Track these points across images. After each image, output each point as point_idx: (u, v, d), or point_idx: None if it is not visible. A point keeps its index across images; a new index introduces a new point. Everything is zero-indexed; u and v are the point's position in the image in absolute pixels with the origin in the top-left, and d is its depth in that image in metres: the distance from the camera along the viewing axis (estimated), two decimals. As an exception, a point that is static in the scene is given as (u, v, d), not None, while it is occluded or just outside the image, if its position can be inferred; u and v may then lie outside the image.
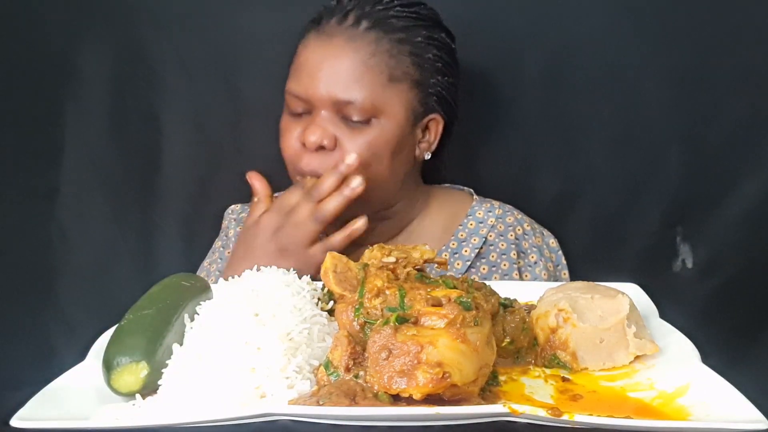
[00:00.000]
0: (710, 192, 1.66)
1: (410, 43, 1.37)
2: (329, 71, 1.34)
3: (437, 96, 1.42)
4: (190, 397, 0.89)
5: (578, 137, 1.69)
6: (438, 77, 1.41)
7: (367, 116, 1.35)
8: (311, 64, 1.36)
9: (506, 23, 1.63)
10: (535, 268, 1.53)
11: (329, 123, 1.36)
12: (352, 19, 1.36)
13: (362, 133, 1.36)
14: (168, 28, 1.66)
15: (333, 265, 1.05)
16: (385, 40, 1.35)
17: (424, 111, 1.42)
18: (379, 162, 1.37)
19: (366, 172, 1.35)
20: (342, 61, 1.34)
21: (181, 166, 1.72)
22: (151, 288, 1.07)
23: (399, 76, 1.36)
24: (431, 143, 1.47)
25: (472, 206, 1.57)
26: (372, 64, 1.34)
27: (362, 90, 1.33)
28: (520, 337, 1.02)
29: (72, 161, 1.67)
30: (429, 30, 1.40)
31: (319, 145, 1.36)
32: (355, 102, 1.33)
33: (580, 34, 1.63)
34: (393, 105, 1.36)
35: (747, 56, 1.60)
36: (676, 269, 1.68)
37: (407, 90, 1.37)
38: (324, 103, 1.35)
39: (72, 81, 1.65)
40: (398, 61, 1.36)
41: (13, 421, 0.83)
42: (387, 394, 0.84)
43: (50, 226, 1.66)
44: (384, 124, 1.36)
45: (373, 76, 1.34)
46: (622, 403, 0.91)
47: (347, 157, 1.35)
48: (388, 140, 1.37)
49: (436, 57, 1.40)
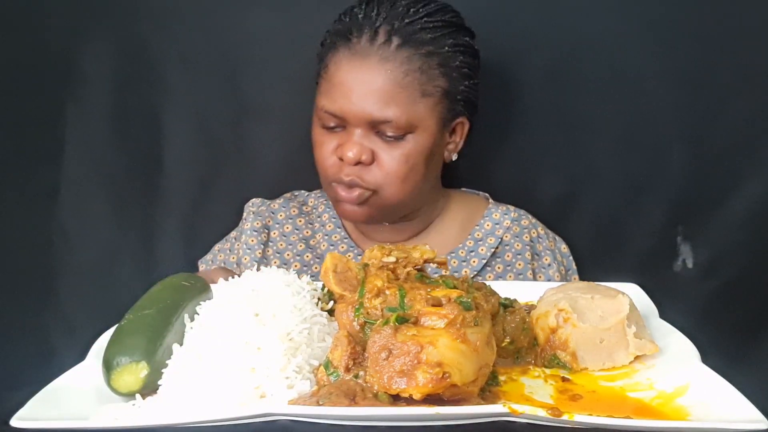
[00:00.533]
0: (711, 192, 1.66)
1: (438, 55, 1.39)
2: (364, 91, 1.36)
3: (465, 101, 1.45)
4: (190, 397, 0.89)
5: (581, 137, 1.69)
6: (465, 83, 1.43)
7: (402, 132, 1.37)
8: (347, 84, 1.37)
9: (510, 24, 1.62)
10: (549, 270, 1.56)
11: (365, 138, 1.39)
12: (383, 37, 1.37)
13: (398, 146, 1.38)
14: (169, 27, 1.66)
15: (333, 265, 1.05)
16: (416, 57, 1.36)
17: (452, 116, 1.45)
18: (416, 172, 1.41)
19: (404, 185, 1.40)
20: (376, 81, 1.35)
21: (182, 165, 1.72)
22: (151, 288, 1.08)
23: (430, 91, 1.38)
24: (458, 144, 1.50)
25: (488, 209, 1.60)
26: (406, 83, 1.36)
27: (397, 108, 1.35)
28: (520, 337, 1.02)
29: (73, 161, 1.67)
30: (454, 37, 1.42)
31: (357, 161, 1.39)
32: (391, 121, 1.36)
33: (583, 35, 1.63)
34: (426, 118, 1.39)
35: (749, 57, 1.60)
36: (676, 269, 1.68)
37: (438, 101, 1.40)
38: (359, 122, 1.38)
39: (73, 80, 1.65)
40: (429, 76, 1.38)
41: (13, 421, 0.83)
42: (387, 394, 0.84)
43: (51, 226, 1.66)
44: (418, 137, 1.39)
45: (407, 95, 1.36)
46: (622, 403, 0.91)
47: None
48: (423, 151, 1.40)
49: (462, 64, 1.42)
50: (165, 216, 1.73)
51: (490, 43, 1.51)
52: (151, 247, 1.72)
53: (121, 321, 1.00)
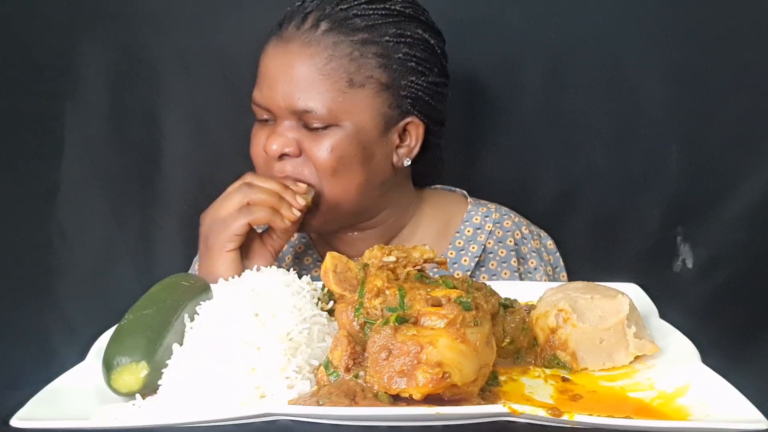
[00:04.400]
0: (710, 192, 1.66)
1: (376, 44, 1.30)
2: (286, 80, 1.30)
3: (412, 98, 1.35)
4: (190, 397, 0.89)
5: (578, 137, 1.69)
6: (411, 78, 1.33)
7: (326, 122, 1.30)
8: (270, 73, 1.32)
9: (506, 23, 1.63)
10: (536, 274, 1.51)
11: (291, 130, 1.32)
12: (310, 22, 1.30)
13: (324, 137, 1.31)
14: (168, 28, 1.66)
15: (333, 265, 1.05)
16: (345, 44, 1.29)
17: (398, 114, 1.35)
18: (347, 167, 1.32)
19: (337, 180, 1.32)
20: (297, 69, 1.29)
21: (180, 165, 1.72)
22: (151, 288, 1.07)
23: (361, 81, 1.30)
24: (412, 148, 1.39)
25: (468, 211, 1.52)
26: (328, 70, 1.28)
27: (319, 98, 1.28)
28: (520, 337, 1.02)
29: (72, 161, 1.67)
30: (399, 27, 1.32)
31: (280, 153, 1.33)
32: (312, 111, 1.29)
33: (580, 34, 1.63)
34: (355, 111, 1.30)
35: (747, 56, 1.61)
36: (676, 269, 1.68)
37: (373, 94, 1.31)
38: (283, 113, 1.32)
39: (72, 81, 1.65)
40: (360, 64, 1.29)
41: (13, 421, 0.83)
42: (387, 394, 0.84)
43: (50, 226, 1.66)
44: (347, 128, 1.31)
45: (331, 83, 1.28)
46: (622, 403, 0.91)
47: (298, 186, 1.33)
48: (353, 145, 1.31)
49: (407, 56, 1.32)
50: (164, 216, 1.73)
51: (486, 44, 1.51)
52: (150, 247, 1.72)
53: (121, 321, 1.00)
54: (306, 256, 1.55)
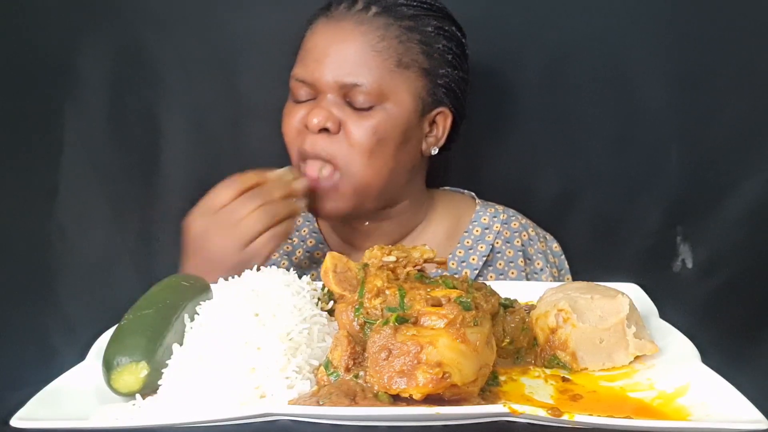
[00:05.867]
0: (710, 192, 1.66)
1: (420, 32, 1.36)
2: (337, 55, 1.33)
3: (446, 88, 1.40)
4: (190, 397, 0.89)
5: (578, 137, 1.69)
6: (447, 69, 1.39)
7: (373, 101, 1.32)
8: (319, 48, 1.34)
9: (506, 23, 1.63)
10: (542, 275, 1.53)
11: (334, 106, 1.34)
12: (361, 5, 1.35)
13: (368, 117, 1.33)
14: (167, 28, 1.66)
15: (333, 265, 1.05)
16: (395, 27, 1.33)
17: (432, 102, 1.40)
18: (384, 150, 1.35)
19: (372, 161, 1.34)
20: (350, 45, 1.32)
21: (180, 165, 1.72)
22: (151, 288, 1.07)
23: (407, 63, 1.34)
24: (439, 138, 1.44)
25: (476, 211, 1.55)
26: (380, 48, 1.32)
27: (369, 74, 1.32)
28: (520, 337, 1.02)
29: (71, 161, 1.67)
30: (439, 21, 1.39)
31: (322, 127, 1.33)
32: (361, 85, 1.31)
33: (580, 34, 1.63)
34: (400, 91, 1.34)
35: (747, 57, 1.61)
36: (676, 269, 1.68)
37: (415, 78, 1.35)
38: (330, 87, 1.33)
39: (71, 81, 1.65)
40: (407, 48, 1.34)
41: (13, 421, 0.83)
42: (387, 394, 0.84)
43: (49, 225, 1.66)
44: (390, 110, 1.34)
45: (381, 61, 1.32)
46: (622, 403, 0.91)
47: (299, 181, 1.35)
48: (394, 127, 1.34)
49: (446, 48, 1.39)
50: (164, 216, 1.73)
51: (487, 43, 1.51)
52: (150, 247, 1.72)
53: (120, 321, 1.00)
54: (317, 249, 1.57)
